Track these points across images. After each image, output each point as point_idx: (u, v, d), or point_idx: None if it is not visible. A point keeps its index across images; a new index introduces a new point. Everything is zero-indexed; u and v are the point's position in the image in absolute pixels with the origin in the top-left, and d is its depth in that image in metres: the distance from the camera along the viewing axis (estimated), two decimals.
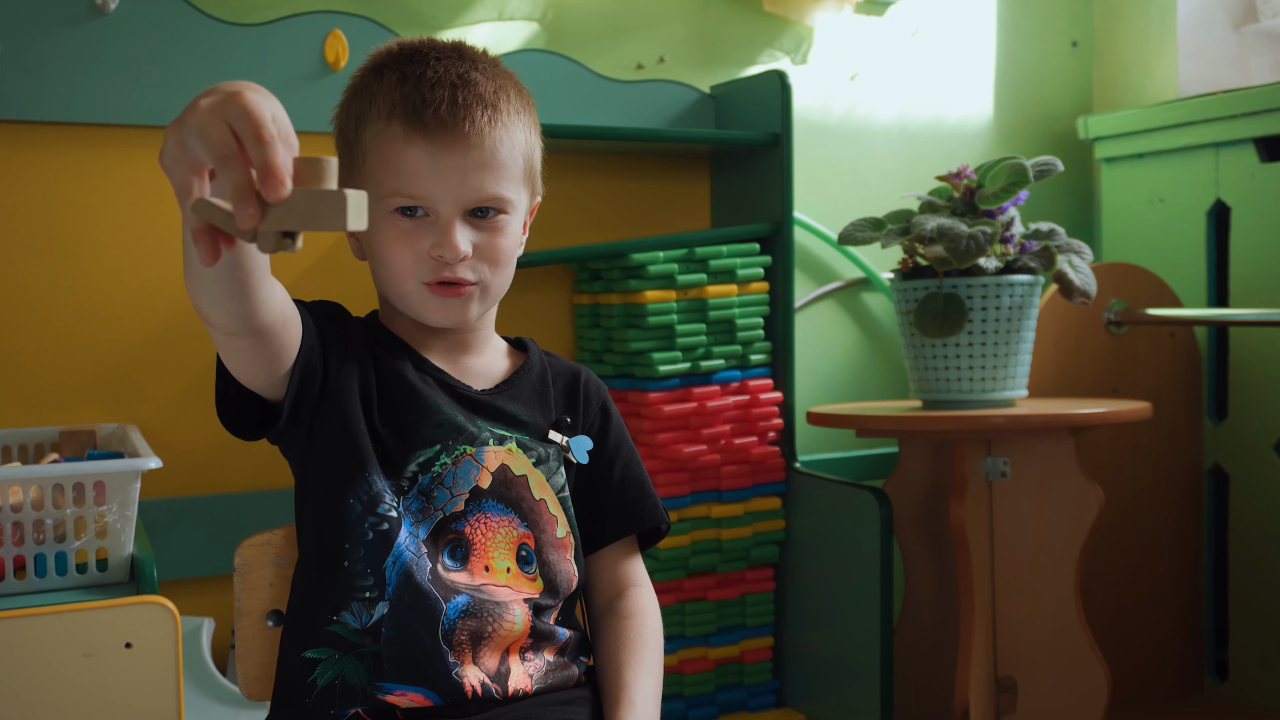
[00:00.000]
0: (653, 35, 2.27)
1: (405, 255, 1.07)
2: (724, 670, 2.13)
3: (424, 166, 1.05)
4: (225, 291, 0.89)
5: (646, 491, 1.20)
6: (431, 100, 1.05)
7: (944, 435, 2.03)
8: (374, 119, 1.08)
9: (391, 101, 1.06)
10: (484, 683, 1.03)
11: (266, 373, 1.01)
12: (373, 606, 1.02)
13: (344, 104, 1.14)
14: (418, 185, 1.05)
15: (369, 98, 1.09)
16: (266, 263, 0.91)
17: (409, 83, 1.07)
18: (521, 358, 1.20)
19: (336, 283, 2.00)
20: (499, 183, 1.08)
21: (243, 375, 1.01)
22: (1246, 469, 2.33)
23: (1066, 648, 2.01)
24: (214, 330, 0.96)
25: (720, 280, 2.06)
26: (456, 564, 1.05)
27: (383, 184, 1.06)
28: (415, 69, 1.08)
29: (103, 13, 1.83)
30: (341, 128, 1.14)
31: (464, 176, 1.06)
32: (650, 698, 1.08)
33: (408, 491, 1.05)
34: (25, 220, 1.82)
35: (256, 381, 1.01)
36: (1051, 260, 1.94)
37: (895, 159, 2.50)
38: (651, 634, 1.14)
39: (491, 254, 1.09)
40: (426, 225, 1.07)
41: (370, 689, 1.01)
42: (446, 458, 1.07)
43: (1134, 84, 2.62)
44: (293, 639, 1.06)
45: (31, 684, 1.19)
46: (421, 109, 1.05)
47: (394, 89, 1.07)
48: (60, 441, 1.69)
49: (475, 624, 1.04)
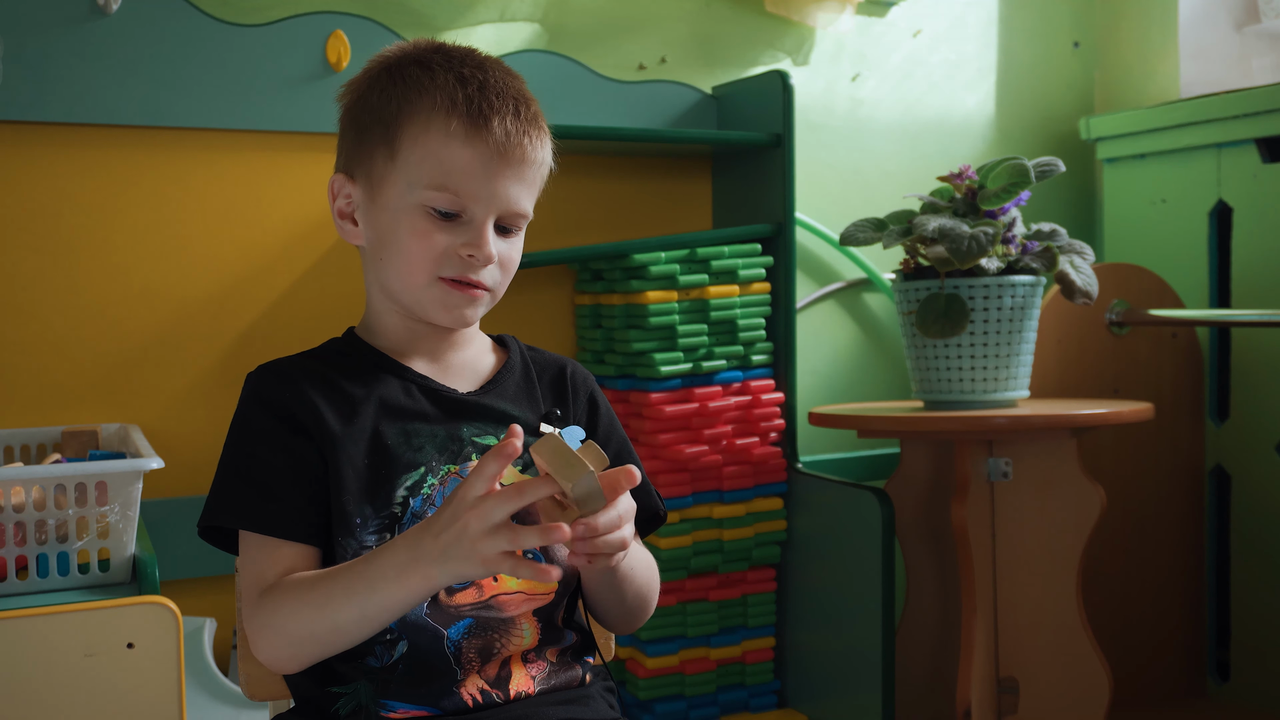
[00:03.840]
0: (654, 36, 2.27)
1: (431, 249, 1.06)
2: (726, 670, 2.13)
3: (477, 170, 1.05)
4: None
5: (644, 481, 1.20)
6: (499, 110, 1.06)
7: (945, 436, 2.03)
8: (427, 111, 1.05)
9: (452, 99, 1.05)
10: (483, 690, 1.04)
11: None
12: (393, 648, 1.04)
13: (376, 84, 1.10)
14: (467, 187, 1.05)
15: (418, 88, 1.07)
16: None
17: (472, 85, 1.06)
18: (504, 355, 1.20)
19: (336, 284, 2.01)
20: (530, 199, 1.11)
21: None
22: (1248, 469, 2.33)
23: (1068, 648, 2.01)
24: (284, 666, 1.03)
25: (722, 281, 2.06)
26: (463, 582, 1.05)
27: (425, 176, 1.05)
28: (476, 74, 1.07)
29: (105, 13, 1.83)
30: (373, 107, 1.09)
31: (509, 187, 1.07)
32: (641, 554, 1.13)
33: (401, 518, 1.04)
34: (28, 220, 1.82)
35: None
36: (1053, 261, 1.94)
37: (897, 159, 2.50)
38: (647, 558, 1.17)
39: (508, 264, 1.11)
40: (458, 225, 1.06)
41: (374, 706, 1.02)
42: (433, 479, 1.07)
43: (1136, 84, 2.62)
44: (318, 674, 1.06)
45: (33, 684, 1.19)
46: (490, 115, 1.05)
47: (453, 88, 1.06)
48: (62, 442, 1.69)
49: (481, 641, 1.04)
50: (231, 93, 1.92)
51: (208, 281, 1.93)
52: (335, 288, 2.01)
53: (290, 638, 0.99)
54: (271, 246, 1.97)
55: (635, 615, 1.17)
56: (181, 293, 1.92)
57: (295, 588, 1.00)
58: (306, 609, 0.98)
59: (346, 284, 2.01)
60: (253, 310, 1.96)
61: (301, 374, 1.09)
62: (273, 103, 1.94)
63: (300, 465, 1.04)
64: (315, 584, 0.99)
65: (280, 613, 0.99)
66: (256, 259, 1.96)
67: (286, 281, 1.98)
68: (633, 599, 1.14)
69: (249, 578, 1.03)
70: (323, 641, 0.99)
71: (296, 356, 1.13)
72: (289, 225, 1.98)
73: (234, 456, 1.07)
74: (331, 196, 1.13)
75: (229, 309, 1.94)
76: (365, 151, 1.09)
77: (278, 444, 1.05)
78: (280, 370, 1.10)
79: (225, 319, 1.94)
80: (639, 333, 2.00)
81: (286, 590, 1.00)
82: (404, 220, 1.06)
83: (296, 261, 1.99)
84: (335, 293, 2.00)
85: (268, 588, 1.01)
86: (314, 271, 2.00)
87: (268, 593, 1.01)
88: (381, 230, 1.09)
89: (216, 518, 1.06)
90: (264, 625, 1.00)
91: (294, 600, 0.99)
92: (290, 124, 1.96)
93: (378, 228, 1.09)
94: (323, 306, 1.99)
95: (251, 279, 1.96)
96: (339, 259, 2.01)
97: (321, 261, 2.00)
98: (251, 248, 1.96)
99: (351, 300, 2.00)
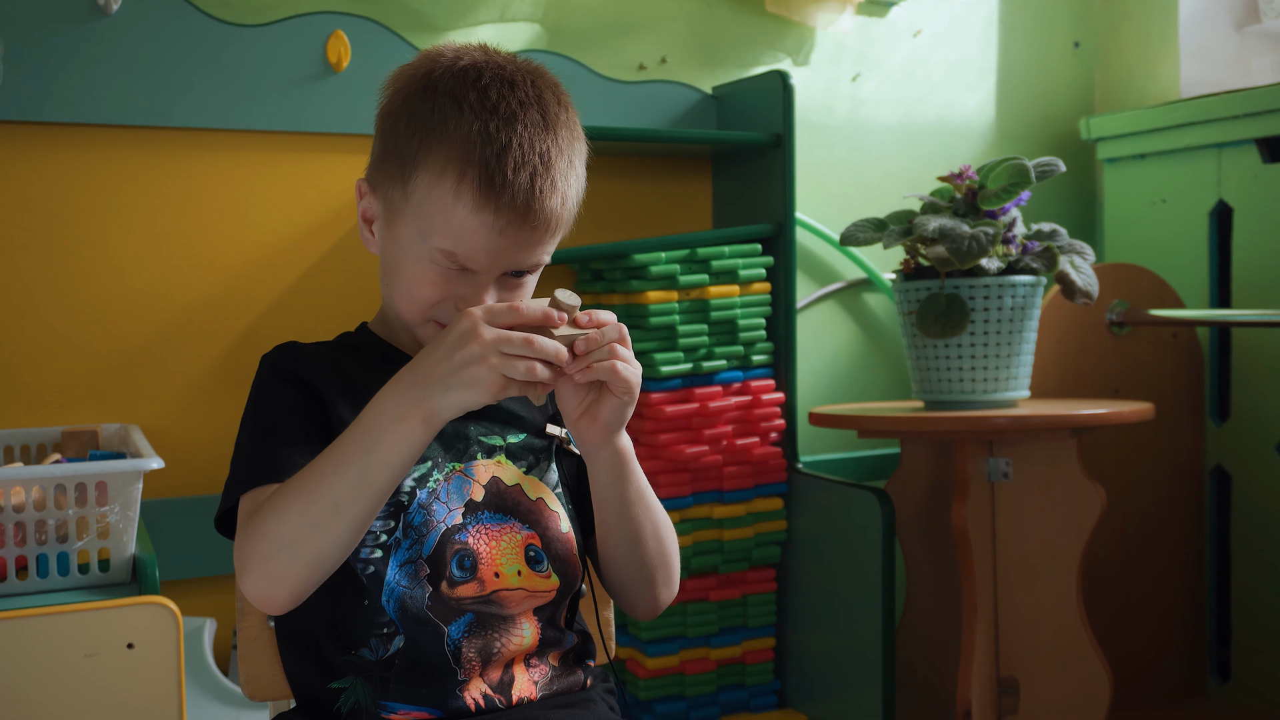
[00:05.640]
0: (655, 36, 2.27)
1: (430, 296, 1.05)
2: (726, 671, 2.13)
3: (483, 239, 1.02)
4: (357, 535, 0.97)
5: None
6: (514, 184, 1.00)
7: (946, 436, 2.03)
8: (442, 163, 1.01)
9: (466, 159, 1.00)
10: (486, 694, 1.03)
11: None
12: (389, 641, 1.03)
13: (408, 103, 1.05)
14: (472, 252, 1.02)
15: (440, 131, 1.01)
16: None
17: (490, 148, 1.00)
18: None
19: (336, 283, 2.01)
20: (546, 251, 1.08)
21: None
22: (1249, 470, 2.33)
23: (1069, 648, 2.01)
24: (280, 600, 0.97)
25: (722, 281, 2.06)
26: (465, 574, 1.04)
27: (433, 233, 1.02)
28: (503, 131, 1.01)
29: (105, 14, 1.83)
30: (399, 131, 1.04)
31: (518, 250, 1.04)
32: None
33: (408, 506, 1.04)
34: (28, 220, 1.82)
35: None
36: (1053, 261, 1.94)
37: (897, 159, 2.50)
38: (661, 508, 1.14)
39: None
40: (463, 274, 1.04)
41: (374, 708, 1.02)
42: (438, 474, 1.07)
43: (1136, 84, 2.62)
44: (315, 669, 1.05)
45: (33, 684, 1.19)
46: (501, 189, 1.00)
47: (472, 145, 1.00)
48: (62, 442, 1.69)
49: (481, 641, 1.04)
50: (231, 93, 1.92)
51: (208, 281, 1.93)
52: (335, 287, 2.01)
53: (283, 539, 0.93)
54: (271, 246, 1.97)
55: (657, 572, 1.12)
56: (181, 293, 1.91)
57: (283, 486, 0.96)
58: (300, 493, 0.94)
59: (347, 284, 2.01)
60: (253, 310, 1.96)
61: (316, 357, 1.10)
62: (273, 103, 1.94)
63: (320, 430, 1.04)
64: (304, 471, 0.96)
65: (273, 514, 0.94)
66: (256, 259, 1.96)
67: (286, 281, 1.98)
68: (652, 539, 1.11)
69: (246, 512, 1.00)
70: (320, 532, 0.93)
71: (310, 343, 1.13)
72: (289, 225, 1.98)
73: (258, 424, 1.05)
74: (359, 196, 1.12)
75: (229, 309, 1.94)
76: (385, 176, 1.07)
77: (300, 409, 1.05)
78: (296, 350, 1.10)
79: (225, 319, 1.94)
80: (639, 333, 2.00)
81: (276, 492, 0.96)
82: (411, 263, 1.04)
83: (296, 261, 1.98)
84: (335, 292, 2.00)
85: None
86: (314, 271, 2.00)
87: (257, 509, 0.98)
88: (391, 259, 1.07)
89: (253, 481, 1.01)
90: (256, 536, 0.95)
91: (285, 490, 0.95)
92: (290, 124, 1.95)
93: (389, 255, 1.08)
94: (323, 306, 1.99)
95: (251, 279, 1.96)
96: (339, 259, 2.01)
97: (321, 261, 2.00)
98: (251, 248, 1.96)
99: (352, 300, 2.00)
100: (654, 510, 1.11)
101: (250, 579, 0.95)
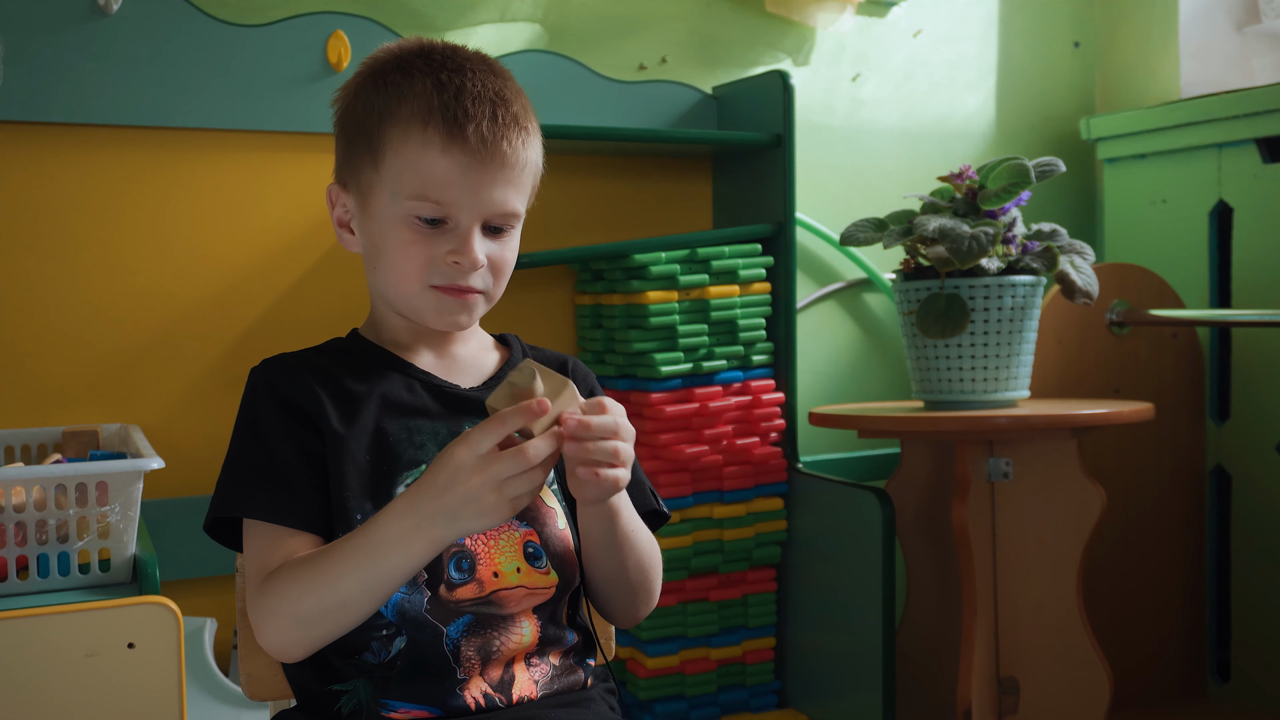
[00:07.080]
0: (655, 36, 2.27)
1: (419, 258, 1.07)
2: (726, 671, 2.13)
3: (456, 178, 1.05)
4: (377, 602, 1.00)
5: (639, 477, 1.20)
6: (474, 115, 1.05)
7: (946, 436, 2.03)
8: (405, 120, 1.06)
9: (428, 107, 1.05)
10: (486, 693, 1.03)
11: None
12: (390, 643, 1.04)
13: (360, 93, 1.10)
14: (447, 195, 1.05)
15: (397, 96, 1.07)
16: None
17: (447, 92, 1.05)
18: (506, 353, 1.21)
19: (336, 284, 2.01)
20: (519, 199, 1.10)
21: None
22: (1249, 470, 2.33)
23: (1068, 648, 2.01)
24: (292, 653, 1.03)
25: (722, 281, 2.06)
26: (464, 575, 1.04)
27: (406, 187, 1.05)
28: (454, 78, 1.06)
29: (105, 14, 1.83)
30: (358, 117, 1.10)
31: (491, 191, 1.06)
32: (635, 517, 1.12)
33: None
34: (28, 220, 1.82)
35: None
36: (1054, 261, 1.94)
37: (897, 159, 2.50)
38: (650, 536, 1.16)
39: (500, 266, 1.11)
40: (444, 232, 1.07)
41: (375, 706, 1.02)
42: None
43: (1136, 84, 2.62)
44: (317, 672, 1.06)
45: (34, 684, 1.19)
46: (465, 122, 1.04)
47: (429, 95, 1.05)
48: (63, 442, 1.69)
49: (480, 640, 1.04)
50: (232, 93, 1.92)
51: (208, 281, 1.93)
52: (335, 288, 2.01)
53: (297, 618, 0.99)
54: (271, 246, 1.97)
55: (638, 595, 1.15)
56: (182, 293, 1.92)
57: (297, 567, 1.00)
58: (312, 586, 0.98)
59: (346, 284, 2.01)
60: (253, 310, 1.96)
61: (306, 368, 1.10)
62: (273, 103, 1.94)
63: (308, 456, 1.05)
64: (317, 560, 0.99)
65: (286, 595, 0.99)
66: (256, 259, 1.96)
67: (286, 281, 1.98)
68: (635, 571, 1.12)
69: (255, 566, 1.03)
70: (330, 618, 0.99)
71: (300, 352, 1.14)
72: (289, 225, 1.98)
73: (243, 448, 1.07)
74: (330, 205, 1.15)
75: (229, 309, 1.94)
76: (354, 162, 1.10)
77: (286, 434, 1.06)
78: (285, 364, 1.10)
79: (225, 319, 1.94)
80: (639, 333, 2.00)
81: (288, 571, 1.00)
82: (392, 230, 1.07)
83: (296, 261, 1.99)
84: (335, 293, 2.00)
85: (270, 573, 1.02)
86: (314, 271, 2.00)
87: (270, 577, 1.01)
88: (373, 240, 1.10)
89: (230, 509, 1.05)
90: (270, 610, 1.00)
91: (298, 579, 0.99)
92: (291, 124, 1.96)
93: (370, 237, 1.10)
94: (323, 306, 1.99)
95: (251, 279, 1.96)
96: (339, 259, 2.01)
97: (322, 261, 2.00)
98: (251, 248, 1.96)
99: (351, 300, 2.00)
100: (639, 548, 1.12)
101: (267, 642, 1.02)
